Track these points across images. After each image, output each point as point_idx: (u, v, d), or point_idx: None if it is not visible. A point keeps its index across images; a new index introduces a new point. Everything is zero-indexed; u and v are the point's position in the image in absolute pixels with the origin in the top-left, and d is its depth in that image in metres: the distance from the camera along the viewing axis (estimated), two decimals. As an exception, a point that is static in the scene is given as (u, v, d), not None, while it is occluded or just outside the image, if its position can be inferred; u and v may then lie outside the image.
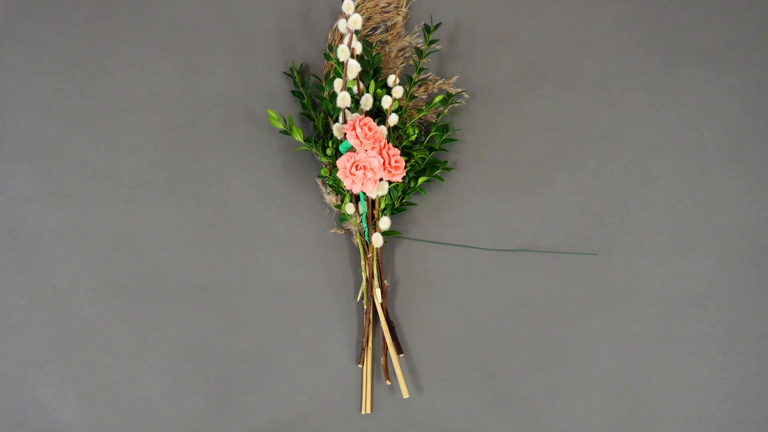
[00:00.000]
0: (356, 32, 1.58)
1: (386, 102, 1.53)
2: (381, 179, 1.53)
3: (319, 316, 1.57)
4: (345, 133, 1.52)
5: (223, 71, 1.61)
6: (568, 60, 1.65)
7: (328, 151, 1.55)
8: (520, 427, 1.56)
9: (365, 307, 1.56)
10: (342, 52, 1.50)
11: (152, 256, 1.56)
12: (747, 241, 1.60)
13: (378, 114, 1.58)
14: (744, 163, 1.62)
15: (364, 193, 1.54)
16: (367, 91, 1.56)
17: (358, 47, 1.54)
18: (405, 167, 1.56)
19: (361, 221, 1.56)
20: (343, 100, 1.51)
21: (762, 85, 1.64)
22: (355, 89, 1.55)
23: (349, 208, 1.55)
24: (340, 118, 1.54)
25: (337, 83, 1.53)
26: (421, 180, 1.58)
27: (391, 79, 1.54)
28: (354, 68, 1.51)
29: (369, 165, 1.48)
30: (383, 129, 1.54)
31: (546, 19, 1.66)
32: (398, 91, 1.54)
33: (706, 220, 1.60)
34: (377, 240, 1.55)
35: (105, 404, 1.53)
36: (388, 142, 1.53)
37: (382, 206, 1.57)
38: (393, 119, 1.54)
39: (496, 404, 1.56)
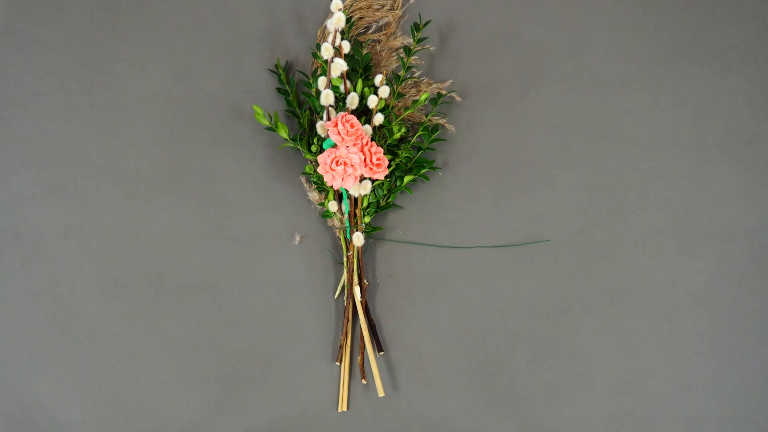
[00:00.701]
0: (344, 31, 1.60)
1: (372, 102, 1.54)
2: (364, 177, 1.53)
3: (305, 312, 1.57)
4: (328, 131, 1.52)
5: (219, 68, 1.63)
6: (569, 58, 1.65)
7: (313, 148, 1.56)
8: (516, 427, 1.55)
9: (345, 304, 1.56)
10: (325, 50, 1.51)
11: (152, 254, 1.57)
12: (748, 240, 1.59)
13: (365, 112, 1.59)
14: (746, 163, 1.61)
15: (347, 191, 1.55)
16: (354, 90, 1.57)
17: (347, 46, 1.56)
18: (390, 166, 1.57)
19: (344, 219, 1.56)
20: (327, 98, 1.52)
21: (764, 84, 1.63)
22: (342, 88, 1.56)
23: (332, 205, 1.56)
24: (324, 116, 1.55)
25: (322, 81, 1.53)
26: (407, 179, 1.58)
27: (378, 79, 1.55)
28: (338, 67, 1.52)
29: (350, 161, 1.49)
30: (368, 128, 1.54)
31: (547, 18, 1.66)
32: (384, 91, 1.55)
33: (707, 219, 1.60)
34: (358, 239, 1.55)
35: (106, 402, 1.53)
36: (372, 140, 1.54)
37: (365, 204, 1.57)
38: (378, 119, 1.55)
39: (490, 403, 1.55)
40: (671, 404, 1.55)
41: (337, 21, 1.51)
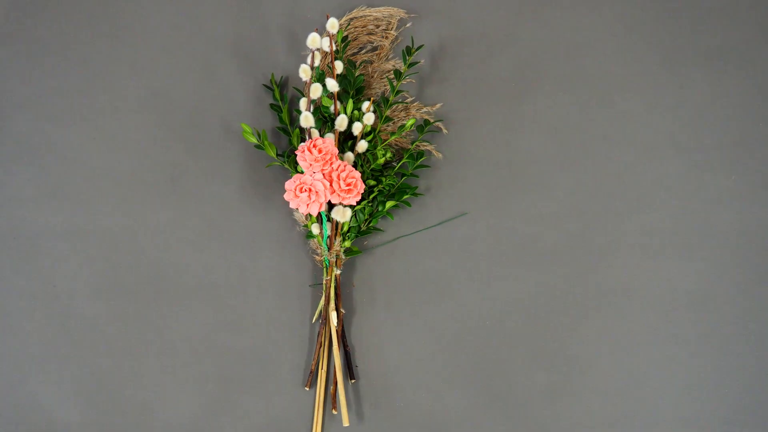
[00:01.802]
0: (338, 51, 1.56)
1: (356, 128, 1.50)
2: (341, 204, 1.50)
3: (289, 329, 1.57)
4: (296, 156, 1.50)
5: (218, 72, 1.63)
6: (567, 61, 1.63)
7: (299, 168, 1.55)
8: (513, 430, 1.54)
9: (318, 330, 1.54)
10: (303, 72, 1.49)
11: (151, 256, 1.59)
12: (746, 242, 1.58)
13: (354, 135, 1.54)
14: (743, 165, 1.60)
15: (327, 215, 1.52)
16: (345, 112, 1.53)
17: (339, 66, 1.52)
18: (373, 191, 1.52)
19: (321, 243, 1.54)
20: (306, 120, 1.49)
21: (761, 86, 1.62)
22: (332, 108, 1.53)
23: (315, 228, 1.54)
24: (307, 137, 1.52)
25: (303, 102, 1.51)
26: (388, 204, 1.53)
27: (365, 105, 1.50)
28: (317, 89, 1.49)
29: (314, 188, 1.46)
30: (350, 155, 1.51)
31: (545, 21, 1.64)
32: (369, 118, 1.51)
33: (705, 221, 1.59)
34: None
35: (104, 403, 1.55)
36: (352, 165, 1.50)
37: (345, 229, 1.53)
38: (362, 146, 1.51)
39: (485, 409, 1.49)
40: (669, 406, 1.54)
41: (311, 41, 1.48)
